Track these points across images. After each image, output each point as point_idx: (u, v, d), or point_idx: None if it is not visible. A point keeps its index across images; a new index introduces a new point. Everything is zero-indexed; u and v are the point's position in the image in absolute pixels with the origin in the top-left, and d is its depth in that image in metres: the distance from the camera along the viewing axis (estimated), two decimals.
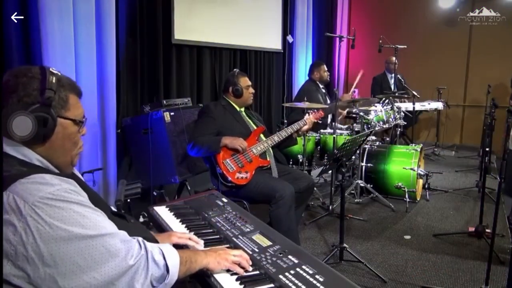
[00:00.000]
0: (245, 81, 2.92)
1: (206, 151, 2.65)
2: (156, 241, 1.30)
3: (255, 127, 2.92)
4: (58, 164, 1.09)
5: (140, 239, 1.08)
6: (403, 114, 4.67)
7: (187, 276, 1.16)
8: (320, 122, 4.07)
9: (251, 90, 2.95)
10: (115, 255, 0.97)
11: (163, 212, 1.71)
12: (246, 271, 1.20)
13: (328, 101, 4.72)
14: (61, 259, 0.91)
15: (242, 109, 2.97)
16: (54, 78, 1.03)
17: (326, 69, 4.74)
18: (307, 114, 3.07)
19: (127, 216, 1.27)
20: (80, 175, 1.31)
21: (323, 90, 4.74)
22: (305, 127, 3.01)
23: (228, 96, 2.93)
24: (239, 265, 1.20)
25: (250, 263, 1.22)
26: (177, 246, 1.35)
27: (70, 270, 0.92)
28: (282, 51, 5.82)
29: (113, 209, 1.27)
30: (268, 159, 2.82)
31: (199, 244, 1.38)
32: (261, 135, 2.89)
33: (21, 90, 1.00)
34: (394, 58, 5.34)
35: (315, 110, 3.16)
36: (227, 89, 2.93)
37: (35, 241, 0.89)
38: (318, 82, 4.71)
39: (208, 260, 1.18)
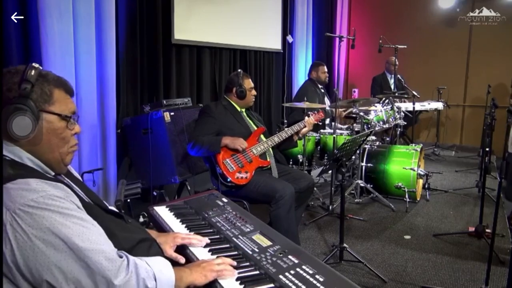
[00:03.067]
0: (249, 83, 2.92)
1: (206, 151, 2.65)
2: (155, 241, 1.29)
3: (255, 128, 2.92)
4: (48, 162, 1.07)
5: (132, 261, 1.03)
6: (403, 114, 4.67)
7: None
8: (320, 123, 4.08)
9: (254, 92, 2.96)
10: (96, 273, 0.93)
11: (163, 212, 1.71)
12: (237, 268, 1.19)
13: (327, 102, 4.71)
14: (38, 271, 0.88)
15: (243, 110, 2.97)
16: (33, 72, 1.02)
17: (325, 70, 4.72)
18: (306, 117, 3.06)
19: (125, 216, 1.26)
20: (78, 175, 1.30)
21: (322, 90, 4.74)
22: (305, 129, 2.99)
23: (230, 97, 2.93)
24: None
25: (235, 263, 1.20)
26: (180, 247, 1.35)
27: (47, 283, 0.89)
28: (282, 51, 5.82)
29: (113, 208, 1.26)
30: (268, 159, 2.82)
31: (203, 242, 1.36)
32: (261, 136, 2.89)
33: (4, 85, 0.99)
34: (394, 59, 5.34)
35: (315, 112, 3.15)
36: (230, 89, 2.92)
37: (12, 250, 0.87)
38: (316, 82, 4.71)
39: (194, 277, 1.13)
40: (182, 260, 1.30)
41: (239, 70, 2.96)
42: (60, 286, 0.89)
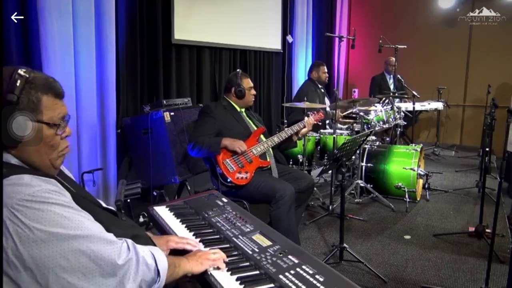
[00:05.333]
0: (248, 83, 2.92)
1: (206, 152, 2.65)
2: (149, 238, 1.30)
3: (255, 128, 2.92)
4: (38, 168, 1.05)
5: (130, 242, 1.07)
6: (403, 114, 4.67)
7: (175, 280, 1.16)
8: (320, 123, 4.08)
9: (253, 91, 2.95)
10: (100, 257, 0.96)
11: (163, 212, 1.71)
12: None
13: (327, 102, 4.71)
14: (43, 262, 0.89)
15: (243, 110, 2.97)
16: (20, 81, 0.98)
17: (325, 70, 4.72)
18: (306, 117, 3.05)
19: (119, 214, 1.27)
20: (69, 173, 1.28)
21: (322, 90, 4.73)
22: (304, 130, 2.98)
23: (230, 97, 2.93)
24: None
25: (227, 260, 1.25)
26: (174, 251, 1.35)
27: (53, 272, 0.90)
28: (281, 51, 5.82)
29: (108, 207, 1.26)
30: (268, 159, 2.81)
31: (197, 248, 1.35)
32: (261, 136, 2.89)
33: None
34: (393, 59, 5.33)
35: (315, 112, 3.15)
36: (229, 90, 2.92)
37: (15, 245, 0.88)
38: (316, 82, 4.70)
39: (191, 265, 1.18)
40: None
41: (237, 70, 2.95)
42: (66, 273, 0.91)
